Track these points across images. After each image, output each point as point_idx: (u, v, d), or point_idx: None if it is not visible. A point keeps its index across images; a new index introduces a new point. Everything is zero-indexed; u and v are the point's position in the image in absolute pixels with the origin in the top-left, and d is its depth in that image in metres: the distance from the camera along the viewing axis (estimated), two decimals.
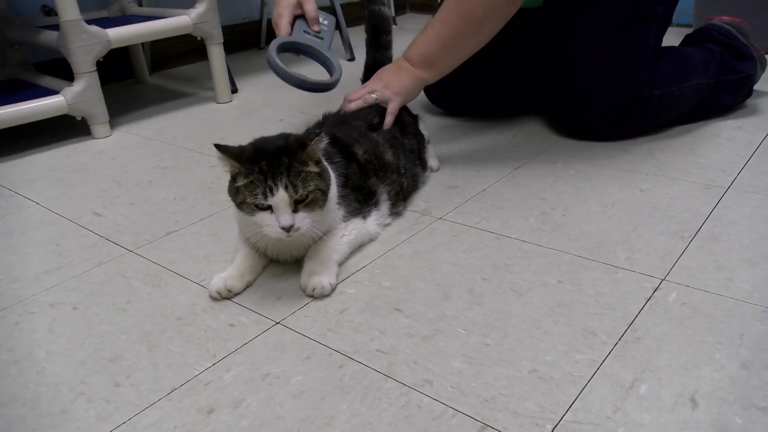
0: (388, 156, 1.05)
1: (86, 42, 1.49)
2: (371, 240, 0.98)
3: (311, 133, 0.84)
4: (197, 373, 0.72)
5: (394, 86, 1.14)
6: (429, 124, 1.34)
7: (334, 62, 1.25)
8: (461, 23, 1.11)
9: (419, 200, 1.12)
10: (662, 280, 0.83)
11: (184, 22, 1.66)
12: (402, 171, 1.07)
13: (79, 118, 1.56)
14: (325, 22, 1.29)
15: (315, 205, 0.82)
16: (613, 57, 1.26)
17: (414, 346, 0.74)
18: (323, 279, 0.85)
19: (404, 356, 0.72)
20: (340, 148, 0.97)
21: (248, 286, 0.89)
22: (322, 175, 0.84)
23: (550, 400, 0.64)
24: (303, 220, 0.81)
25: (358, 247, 0.96)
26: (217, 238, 1.04)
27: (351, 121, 1.09)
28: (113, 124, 1.65)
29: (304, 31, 1.26)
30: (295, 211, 0.80)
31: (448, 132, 1.46)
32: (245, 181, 0.80)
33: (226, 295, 0.86)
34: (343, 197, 0.92)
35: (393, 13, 2.87)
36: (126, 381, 0.72)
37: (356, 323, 0.79)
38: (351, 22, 2.26)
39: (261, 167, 0.80)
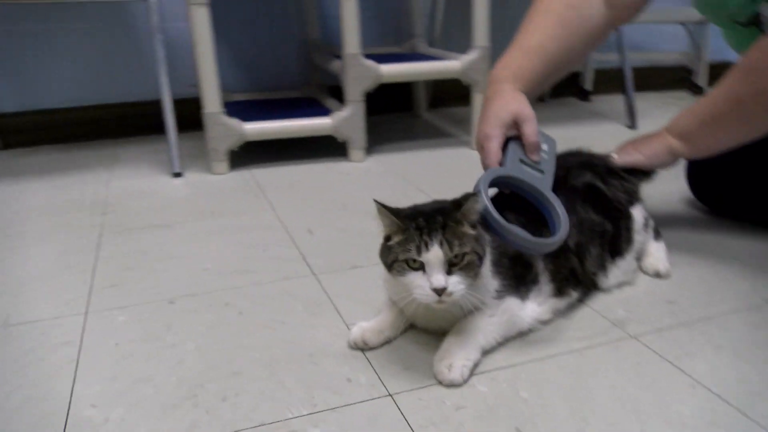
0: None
1: (359, 74, 1.63)
2: (530, 330, 0.86)
3: (467, 193, 0.77)
4: (290, 416, 0.71)
5: (641, 148, 1.07)
6: (682, 219, 1.12)
7: (561, 213, 0.87)
8: (725, 105, 0.97)
9: (618, 306, 0.93)
10: None
11: (453, 67, 1.70)
12: (574, 250, 0.91)
13: (341, 141, 1.71)
14: (545, 147, 0.96)
15: (470, 270, 0.75)
16: None
17: None
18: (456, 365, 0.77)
19: None
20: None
21: (387, 342, 0.85)
22: (478, 239, 0.77)
23: None
24: (457, 284, 0.74)
25: (511, 335, 0.84)
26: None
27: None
28: (371, 151, 1.77)
29: (520, 160, 0.93)
30: (448, 273, 0.74)
31: (699, 234, 1.20)
32: (400, 238, 0.77)
33: (362, 346, 0.84)
34: (496, 265, 0.82)
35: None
36: (233, 398, 0.75)
37: (466, 428, 0.69)
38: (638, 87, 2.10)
39: (418, 224, 0.76)
